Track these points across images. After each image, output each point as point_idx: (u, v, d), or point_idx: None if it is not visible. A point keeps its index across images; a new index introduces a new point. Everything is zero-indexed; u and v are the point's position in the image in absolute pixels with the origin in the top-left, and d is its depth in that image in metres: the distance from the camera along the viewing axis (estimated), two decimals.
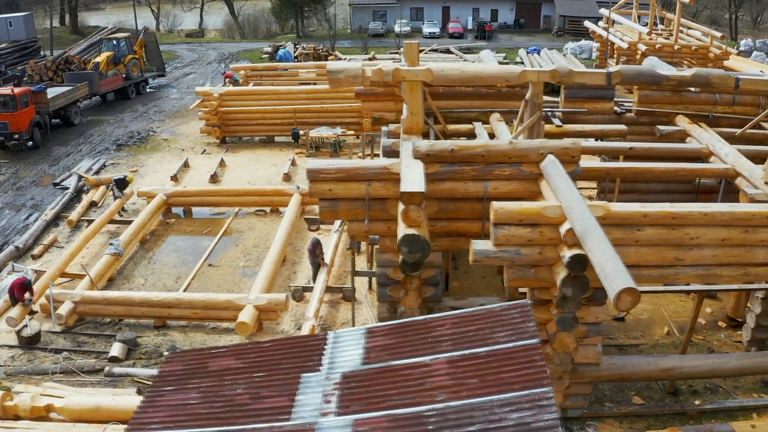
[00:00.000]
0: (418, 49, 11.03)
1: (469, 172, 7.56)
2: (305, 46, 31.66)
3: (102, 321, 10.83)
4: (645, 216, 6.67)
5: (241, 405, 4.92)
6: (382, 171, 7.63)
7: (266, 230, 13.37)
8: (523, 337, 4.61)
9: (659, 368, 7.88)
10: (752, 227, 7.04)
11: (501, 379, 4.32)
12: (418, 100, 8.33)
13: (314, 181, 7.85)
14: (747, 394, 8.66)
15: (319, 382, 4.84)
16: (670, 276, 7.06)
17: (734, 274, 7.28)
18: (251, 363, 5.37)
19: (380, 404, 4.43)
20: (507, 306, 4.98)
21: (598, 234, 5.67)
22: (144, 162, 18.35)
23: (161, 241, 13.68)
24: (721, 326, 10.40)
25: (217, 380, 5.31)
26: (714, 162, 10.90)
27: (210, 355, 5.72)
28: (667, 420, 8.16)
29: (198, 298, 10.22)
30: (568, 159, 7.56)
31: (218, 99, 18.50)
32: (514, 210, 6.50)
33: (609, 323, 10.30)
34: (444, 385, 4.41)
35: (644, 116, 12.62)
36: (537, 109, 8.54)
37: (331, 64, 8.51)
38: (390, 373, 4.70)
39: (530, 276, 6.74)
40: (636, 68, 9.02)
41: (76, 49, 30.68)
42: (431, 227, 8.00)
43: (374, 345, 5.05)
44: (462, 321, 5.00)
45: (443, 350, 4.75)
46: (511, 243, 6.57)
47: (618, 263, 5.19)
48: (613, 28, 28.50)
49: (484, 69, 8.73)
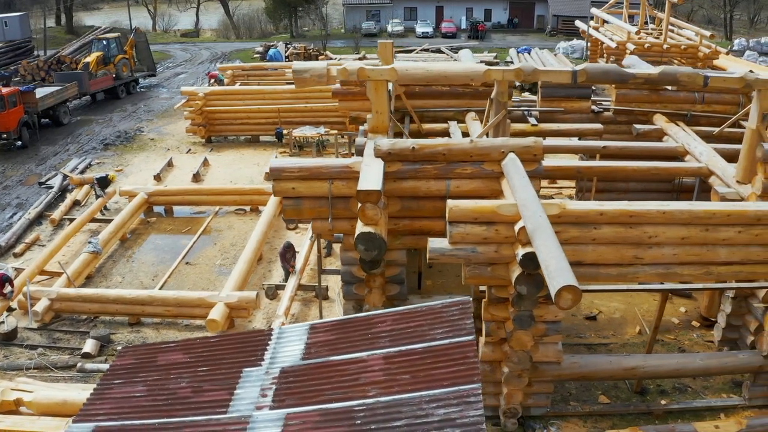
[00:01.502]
0: (392, 48, 11.07)
1: (431, 170, 7.58)
2: (296, 45, 31.71)
3: (78, 318, 10.93)
4: (601, 214, 6.67)
5: (183, 398, 4.97)
6: (344, 170, 7.66)
7: (245, 229, 13.41)
8: (460, 334, 4.64)
9: (622, 367, 7.86)
10: (713, 226, 7.02)
11: (432, 375, 4.34)
12: (383, 99, 8.35)
13: (277, 180, 7.88)
14: (716, 395, 8.64)
15: (259, 377, 4.88)
16: (630, 275, 7.05)
17: (696, 273, 7.26)
18: (197, 357, 5.41)
19: (313, 399, 4.46)
20: (448, 303, 5.00)
21: (546, 232, 5.68)
22: (129, 161, 18.41)
23: (141, 239, 13.74)
24: (695, 326, 10.37)
25: (163, 374, 5.36)
26: (689, 161, 10.93)
27: (160, 350, 5.76)
28: (633, 419, 8.14)
29: (170, 295, 10.27)
30: (530, 157, 7.57)
31: (203, 99, 18.56)
32: (469, 208, 6.52)
33: (580, 322, 10.32)
34: (377, 380, 4.44)
35: (622, 115, 12.65)
36: (502, 107, 8.55)
37: (297, 63, 8.52)
38: (327, 369, 4.73)
39: (487, 274, 6.76)
40: (602, 66, 9.01)
41: (68, 49, 30.80)
42: (394, 225, 8.04)
43: (315, 341, 5.08)
44: (403, 318, 5.02)
45: (381, 346, 4.78)
46: (467, 241, 6.59)
47: (561, 261, 5.20)
48: (603, 27, 28.48)
49: (449, 68, 8.75)
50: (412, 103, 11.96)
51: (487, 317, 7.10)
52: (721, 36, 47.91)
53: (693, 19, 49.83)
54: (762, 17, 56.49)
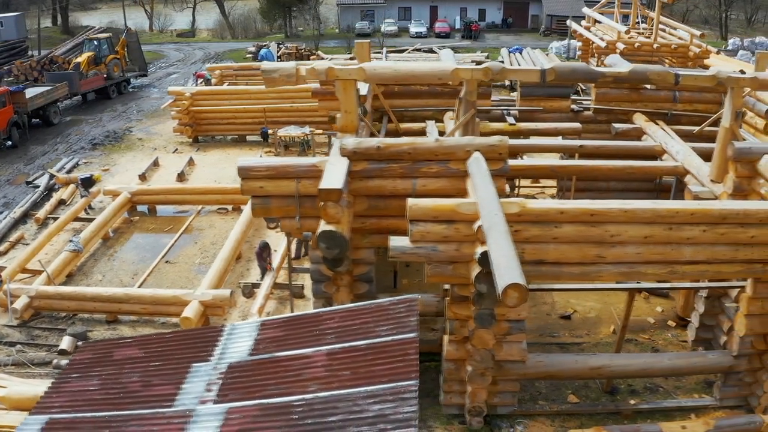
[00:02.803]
0: (369, 48, 11.13)
1: (397, 169, 7.61)
2: (288, 45, 31.77)
3: (57, 315, 11.01)
4: (562, 213, 6.69)
5: (133, 392, 5.04)
6: (311, 168, 7.69)
7: (226, 228, 13.46)
8: (403, 331, 4.67)
9: (588, 367, 7.86)
10: (676, 224, 7.01)
11: (372, 372, 4.38)
12: (352, 99, 8.38)
13: (246, 179, 7.92)
14: (688, 395, 8.61)
15: (207, 372, 4.94)
16: (593, 273, 7.05)
17: (660, 272, 7.25)
18: (151, 353, 5.47)
19: (255, 393, 4.51)
20: (396, 300, 5.04)
21: (499, 230, 5.71)
22: (116, 161, 18.48)
23: (123, 238, 13.80)
24: (671, 325, 10.35)
25: (117, 369, 5.44)
26: (667, 160, 10.94)
27: (117, 345, 5.84)
28: (601, 419, 8.12)
29: (146, 293, 10.34)
30: (495, 156, 7.59)
31: (190, 99, 18.61)
32: (429, 207, 6.55)
33: (555, 321, 10.32)
34: (318, 376, 4.48)
35: (602, 114, 12.66)
36: (471, 107, 8.57)
37: (266, 63, 8.57)
38: (272, 364, 4.77)
39: (448, 272, 6.78)
40: (571, 65, 9.03)
41: (61, 49, 30.87)
42: (361, 224, 8.07)
43: (264, 337, 5.13)
44: (350, 314, 5.06)
45: (327, 342, 4.82)
46: (427, 239, 6.61)
47: (510, 259, 5.23)
48: (594, 27, 28.47)
49: (417, 67, 8.77)
50: (392, 102, 12.02)
51: (450, 315, 7.12)
52: (717, 36, 47.93)
53: (689, 19, 49.80)
54: (759, 17, 56.48)
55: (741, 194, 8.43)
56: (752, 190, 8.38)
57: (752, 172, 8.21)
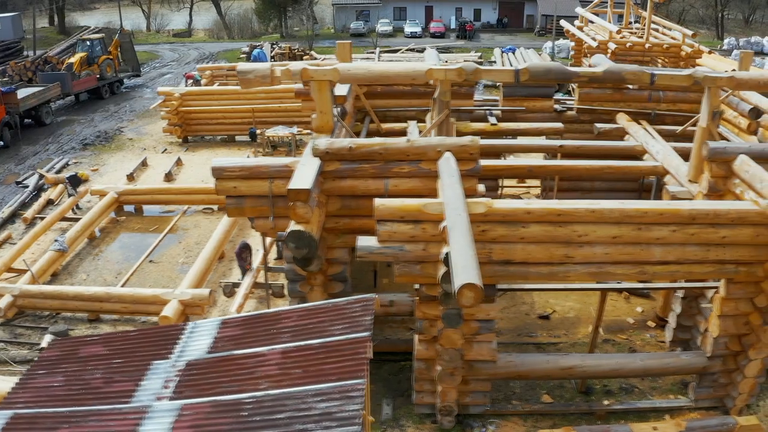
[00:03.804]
0: (350, 48, 11.19)
1: (369, 169, 7.63)
2: (281, 46, 31.85)
3: (41, 314, 11.07)
4: (528, 213, 6.70)
5: (95, 388, 5.10)
6: (284, 169, 7.73)
7: (211, 228, 13.51)
8: (357, 330, 4.71)
9: (559, 367, 7.86)
10: (645, 225, 6.99)
11: (322, 370, 4.42)
12: (327, 99, 8.42)
13: (219, 179, 7.97)
14: (663, 396, 8.61)
15: (166, 369, 4.99)
16: (560, 273, 7.05)
17: (629, 272, 7.22)
18: (115, 350, 5.52)
19: (209, 391, 4.56)
20: (352, 300, 5.08)
21: (460, 230, 5.75)
22: (106, 161, 18.54)
23: (109, 238, 13.86)
24: (651, 326, 10.34)
25: (81, 365, 5.49)
26: (648, 160, 10.96)
27: (83, 343, 5.89)
28: (574, 419, 8.14)
29: (126, 292, 10.40)
30: (467, 156, 7.61)
31: (179, 99, 18.68)
32: (396, 207, 6.58)
33: (533, 321, 10.34)
34: (271, 374, 4.52)
35: (585, 114, 12.67)
36: (444, 107, 8.61)
37: (241, 64, 8.60)
38: (228, 362, 4.82)
39: (416, 272, 6.81)
40: (545, 65, 9.04)
41: (56, 49, 31.00)
42: (335, 224, 8.12)
43: (224, 335, 5.17)
44: (308, 313, 5.11)
45: (282, 341, 4.86)
46: (394, 239, 6.64)
47: (468, 259, 5.26)
48: (587, 27, 28.50)
49: (390, 68, 8.81)
50: (375, 103, 12.06)
51: (419, 315, 7.15)
52: (713, 35, 47.95)
53: (685, 19, 49.82)
54: (757, 16, 56.49)
55: (716, 194, 8.43)
56: (728, 190, 8.36)
57: (727, 172, 8.19)
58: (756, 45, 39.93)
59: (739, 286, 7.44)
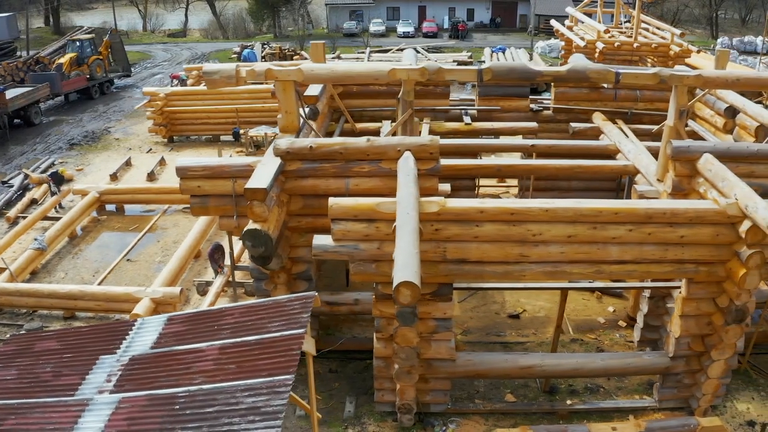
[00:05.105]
0: (323, 49, 11.26)
1: (330, 169, 7.72)
2: (272, 46, 31.94)
3: (18, 312, 11.18)
4: (481, 212, 6.75)
5: (44, 381, 5.22)
6: (246, 168, 7.81)
7: (189, 227, 13.56)
8: (293, 327, 4.79)
9: (518, 366, 7.88)
10: (600, 224, 7.01)
11: (255, 366, 4.50)
12: (291, 99, 8.49)
13: (184, 179, 8.06)
14: (629, 396, 8.61)
15: (111, 364, 5.10)
16: (516, 272, 7.08)
17: (586, 271, 7.23)
18: (66, 345, 5.62)
19: (147, 385, 4.65)
20: (293, 297, 5.17)
21: (406, 228, 5.82)
22: (91, 161, 18.65)
23: (90, 237, 13.96)
24: (621, 325, 10.32)
25: (34, 359, 5.60)
26: (621, 159, 11.00)
27: (39, 338, 6.00)
28: (537, 419, 8.15)
29: (99, 290, 10.50)
30: (426, 156, 7.68)
31: (164, 99, 18.79)
32: (349, 206, 6.65)
33: (503, 321, 10.37)
34: (206, 369, 4.61)
35: (561, 114, 12.71)
36: (408, 107, 8.68)
37: (207, 65, 8.70)
38: (168, 358, 4.91)
39: (372, 270, 6.88)
40: (508, 64, 9.11)
41: (48, 49, 31.13)
42: (297, 223, 8.20)
43: (168, 331, 5.26)
44: (249, 311, 5.19)
45: (221, 337, 4.95)
46: (348, 238, 6.72)
47: (407, 257, 5.33)
48: (577, 26, 28.53)
49: (353, 67, 8.89)
50: (352, 102, 12.14)
51: (376, 313, 7.22)
52: (708, 35, 47.94)
53: (680, 18, 49.82)
54: (754, 16, 56.46)
55: (681, 193, 8.46)
56: (692, 189, 8.38)
57: (692, 171, 8.20)
58: (750, 44, 39.94)
59: (701, 286, 7.45)
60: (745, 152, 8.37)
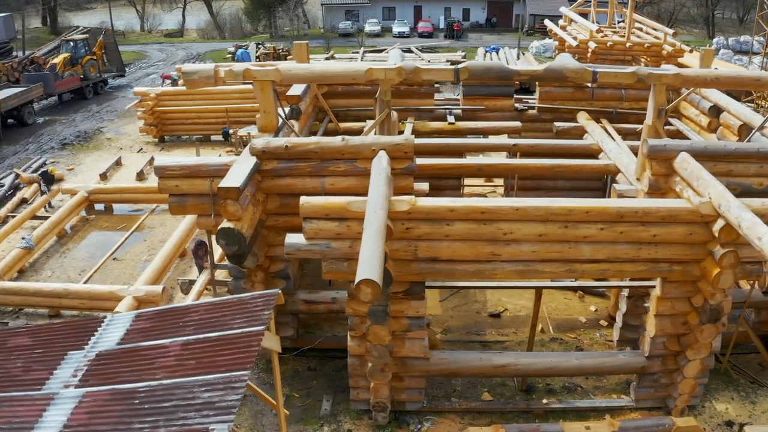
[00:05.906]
0: (307, 48, 11.32)
1: (305, 168, 7.78)
2: (266, 46, 32.02)
3: (4, 310, 11.25)
4: (452, 211, 6.78)
5: (14, 376, 5.29)
6: (223, 167, 7.86)
7: (176, 226, 13.64)
8: (254, 324, 4.86)
9: (492, 364, 7.89)
10: (572, 223, 7.01)
11: (215, 362, 4.57)
12: (270, 99, 8.56)
13: (162, 178, 8.12)
14: (606, 395, 8.63)
15: (78, 359, 5.17)
16: (488, 271, 7.09)
17: (558, 270, 7.21)
18: (38, 341, 5.69)
19: (111, 380, 4.73)
20: (257, 295, 5.23)
21: (372, 227, 5.88)
22: (82, 160, 18.74)
23: (78, 236, 14.05)
24: (603, 325, 10.31)
25: (6, 355, 5.66)
26: (603, 158, 11.05)
27: (12, 334, 6.07)
28: (512, 418, 8.17)
29: (83, 289, 10.58)
30: (401, 155, 7.74)
31: (155, 99, 18.89)
32: (320, 204, 6.71)
33: (484, 320, 10.41)
34: (167, 365, 4.68)
35: (546, 113, 12.75)
36: (385, 106, 8.75)
37: (186, 66, 8.77)
38: (133, 353, 4.98)
39: (344, 269, 6.93)
40: (484, 64, 9.14)
41: (43, 50, 31.22)
42: (275, 222, 8.27)
43: (135, 328, 5.33)
44: (214, 308, 5.26)
45: (185, 334, 5.01)
46: (320, 236, 6.77)
47: (370, 256, 5.38)
48: (570, 26, 28.60)
49: (331, 67, 8.95)
50: (336, 102, 12.21)
51: (349, 312, 7.27)
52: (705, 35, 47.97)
53: (677, 18, 49.86)
54: (752, 16, 56.42)
55: (658, 192, 8.49)
56: (669, 188, 8.40)
57: (668, 169, 8.20)
58: (746, 44, 39.96)
59: (675, 285, 7.45)
60: (723, 151, 8.38)
